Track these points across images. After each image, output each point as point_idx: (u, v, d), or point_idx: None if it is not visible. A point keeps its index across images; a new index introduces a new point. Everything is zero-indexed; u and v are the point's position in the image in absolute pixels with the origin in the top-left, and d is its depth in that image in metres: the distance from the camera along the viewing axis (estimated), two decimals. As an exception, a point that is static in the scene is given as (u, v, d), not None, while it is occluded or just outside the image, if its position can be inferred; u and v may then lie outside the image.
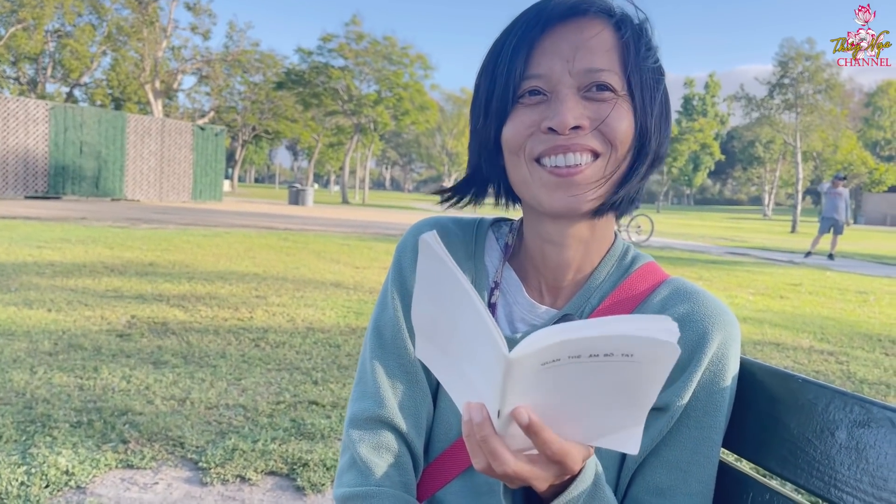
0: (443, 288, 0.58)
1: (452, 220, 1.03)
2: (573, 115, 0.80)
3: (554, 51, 0.81)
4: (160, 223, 15.35)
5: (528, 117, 0.83)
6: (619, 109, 0.82)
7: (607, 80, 0.81)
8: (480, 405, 0.58)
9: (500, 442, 0.59)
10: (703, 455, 0.83)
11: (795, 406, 0.80)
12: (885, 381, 4.91)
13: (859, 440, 0.72)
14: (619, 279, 0.92)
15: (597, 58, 0.81)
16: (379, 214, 28.17)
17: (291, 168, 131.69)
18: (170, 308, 6.01)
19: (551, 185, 0.82)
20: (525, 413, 0.56)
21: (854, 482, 0.71)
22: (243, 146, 59.04)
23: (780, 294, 9.35)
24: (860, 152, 52.87)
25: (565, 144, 0.80)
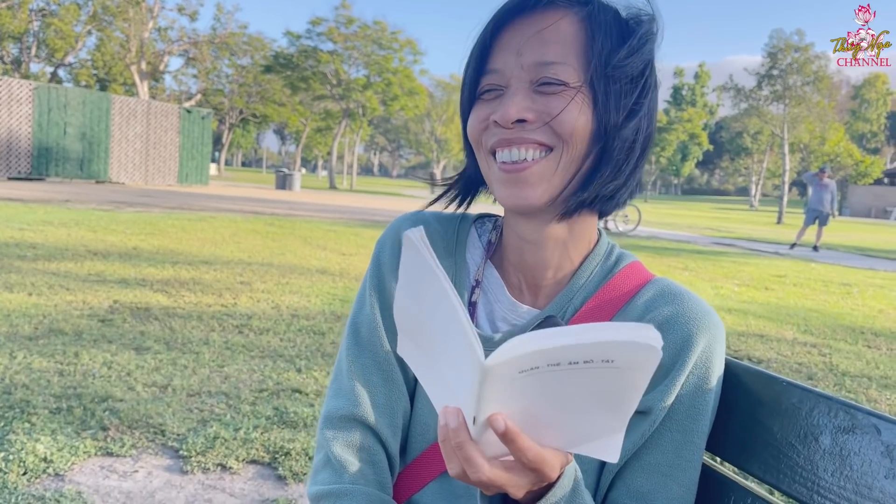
0: (424, 286, 0.57)
1: (434, 215, 1.01)
2: (516, 108, 0.79)
3: (508, 46, 0.82)
4: (145, 207, 15.22)
5: (483, 112, 0.84)
6: (572, 103, 0.79)
7: (558, 73, 0.79)
8: (456, 410, 0.57)
9: (475, 448, 0.57)
10: (686, 459, 0.81)
11: (779, 409, 0.79)
12: (866, 374, 4.94)
13: (843, 446, 0.71)
14: (603, 279, 0.90)
15: (549, 50, 0.80)
16: (367, 200, 28.07)
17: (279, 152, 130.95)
18: (153, 293, 5.96)
19: (502, 180, 0.83)
20: (501, 420, 0.55)
21: (837, 489, 0.70)
22: (230, 129, 58.61)
23: (765, 285, 9.40)
24: (847, 144, 53.18)
25: (509, 138, 0.81)
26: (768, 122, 42.51)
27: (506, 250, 0.94)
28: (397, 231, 0.98)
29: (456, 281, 0.94)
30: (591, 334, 0.50)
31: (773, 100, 40.99)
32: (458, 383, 0.56)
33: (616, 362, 0.50)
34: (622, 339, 0.50)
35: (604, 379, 0.52)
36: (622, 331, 0.50)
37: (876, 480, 0.67)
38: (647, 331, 0.51)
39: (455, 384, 0.56)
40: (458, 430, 0.56)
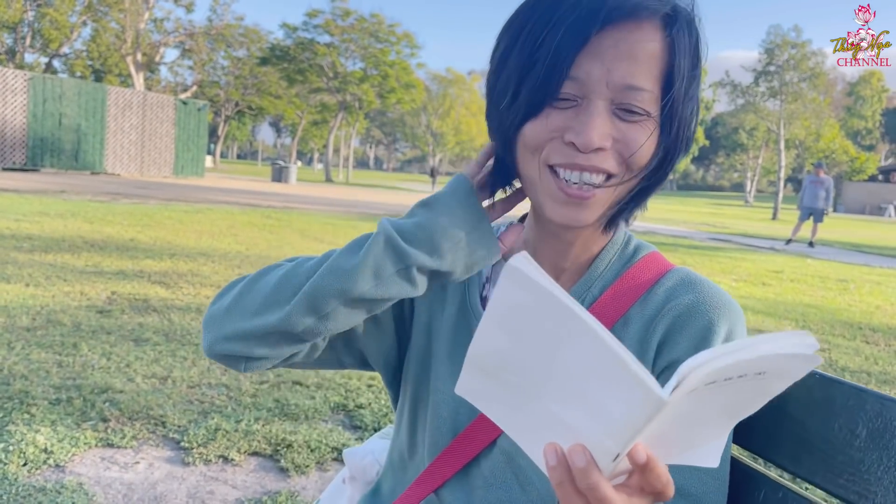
0: (537, 321, 0.50)
1: None
2: (599, 134, 0.74)
3: (596, 55, 0.74)
4: (141, 198, 15.16)
5: (555, 122, 0.76)
6: (646, 133, 0.77)
7: (643, 102, 0.76)
8: (581, 448, 0.52)
9: (608, 485, 0.53)
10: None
11: (810, 402, 0.78)
12: (865, 370, 4.95)
13: (879, 438, 0.70)
14: (622, 269, 0.89)
15: (637, 71, 0.75)
16: (363, 193, 28.02)
17: (274, 145, 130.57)
18: (151, 285, 5.93)
19: (559, 199, 0.78)
20: (643, 451, 0.51)
21: (875, 481, 0.69)
22: (226, 122, 58.42)
23: (762, 281, 9.42)
24: (842, 141, 53.25)
25: (583, 164, 0.76)
26: (764, 118, 42.54)
27: (522, 246, 0.93)
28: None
29: (466, 282, 0.93)
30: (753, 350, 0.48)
31: (770, 96, 41.01)
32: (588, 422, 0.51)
33: (767, 374, 0.49)
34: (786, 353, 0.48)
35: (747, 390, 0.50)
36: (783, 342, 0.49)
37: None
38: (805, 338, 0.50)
39: (581, 423, 0.52)
40: (588, 470, 0.52)
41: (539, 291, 0.49)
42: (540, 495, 0.82)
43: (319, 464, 2.89)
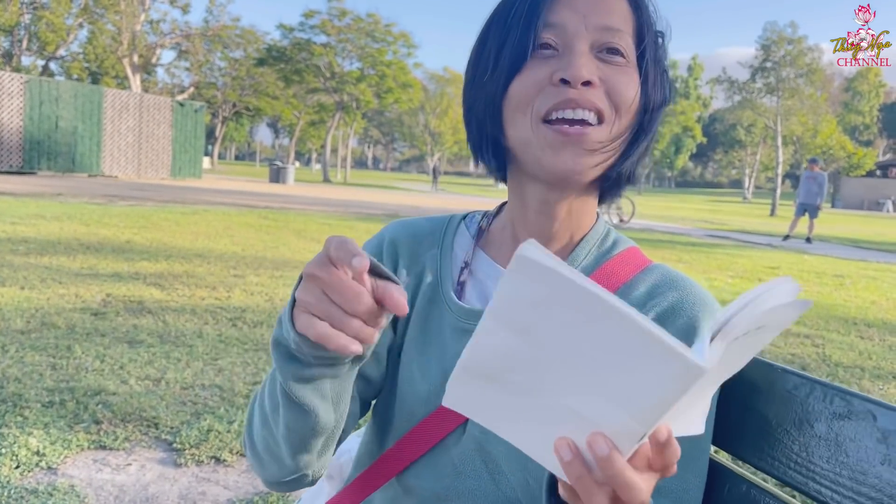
0: (553, 312, 0.46)
1: (422, 218, 1.01)
2: (587, 69, 0.77)
3: (570, 4, 0.78)
4: (138, 200, 15.15)
5: (540, 72, 0.78)
6: (630, 76, 0.80)
7: (621, 42, 0.79)
8: (602, 436, 0.49)
9: (633, 471, 0.51)
10: (697, 448, 0.81)
11: (775, 396, 0.78)
12: (859, 365, 4.96)
13: (839, 432, 0.70)
14: (600, 260, 0.89)
15: (614, 17, 0.79)
16: (361, 194, 28.02)
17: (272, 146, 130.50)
18: (146, 287, 5.93)
19: (557, 144, 0.78)
20: (665, 429, 0.49)
21: (833, 475, 0.69)
22: (223, 123, 58.39)
23: (759, 277, 9.42)
24: (839, 137, 53.27)
25: (576, 98, 0.76)
26: (762, 114, 42.56)
27: (501, 231, 0.93)
28: (381, 236, 0.98)
29: (441, 266, 0.93)
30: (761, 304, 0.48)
31: (767, 92, 41.02)
32: (611, 408, 0.48)
33: (764, 327, 0.48)
34: (784, 303, 0.48)
35: (741, 348, 0.49)
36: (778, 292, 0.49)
37: (872, 467, 0.66)
38: (790, 283, 0.50)
39: (600, 411, 0.48)
40: (612, 458, 0.49)
41: (555, 280, 0.44)
42: (510, 486, 0.82)
43: (311, 463, 2.89)
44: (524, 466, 0.81)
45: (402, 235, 0.96)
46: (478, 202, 27.61)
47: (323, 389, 0.73)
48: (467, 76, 0.87)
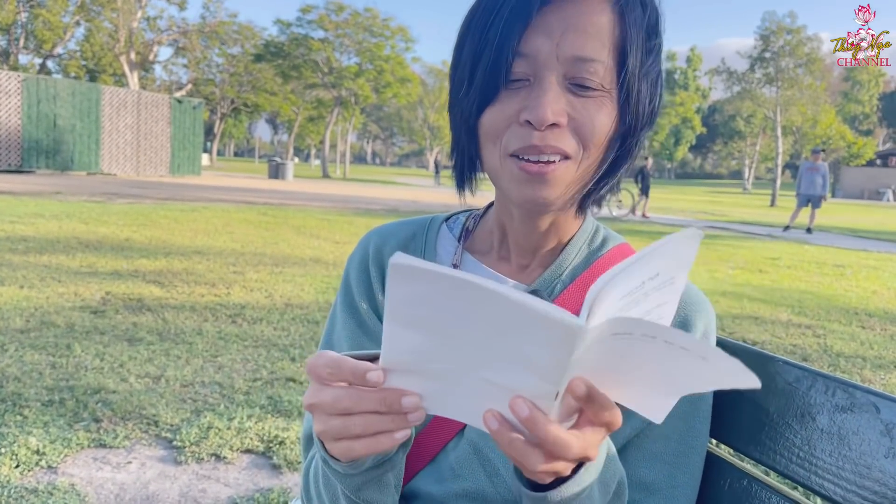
0: (438, 304, 0.50)
1: (400, 223, 0.99)
2: (553, 109, 0.73)
3: (544, 29, 0.74)
4: (137, 198, 15.13)
5: (509, 107, 0.76)
6: (602, 108, 0.76)
7: (594, 74, 0.75)
8: (521, 399, 0.53)
9: (559, 428, 0.53)
10: (688, 446, 0.80)
11: (776, 389, 0.77)
12: (860, 355, 4.95)
13: (841, 425, 0.69)
14: (591, 258, 0.88)
15: (588, 44, 0.74)
16: (360, 189, 27.99)
17: (271, 142, 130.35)
18: (145, 284, 5.92)
19: (522, 179, 0.77)
20: (582, 383, 0.52)
21: (836, 469, 0.68)
22: (222, 119, 58.28)
23: (759, 268, 9.41)
24: (839, 126, 53.19)
25: (539, 146, 0.75)
26: (761, 104, 42.48)
27: (495, 229, 0.92)
28: (365, 247, 0.96)
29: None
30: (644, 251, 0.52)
31: (766, 82, 40.93)
32: (518, 376, 0.52)
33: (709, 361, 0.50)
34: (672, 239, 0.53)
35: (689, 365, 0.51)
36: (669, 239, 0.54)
37: (875, 460, 0.65)
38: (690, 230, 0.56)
39: (510, 379, 0.53)
40: (534, 418, 0.52)
41: (428, 276, 0.49)
42: (506, 485, 0.82)
43: (312, 460, 2.88)
44: None
45: (384, 245, 0.95)
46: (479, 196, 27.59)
47: (386, 481, 0.73)
48: (450, 79, 0.85)
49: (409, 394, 0.56)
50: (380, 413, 0.57)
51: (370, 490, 0.72)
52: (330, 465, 0.68)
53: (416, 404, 0.56)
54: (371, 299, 0.92)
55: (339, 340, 0.93)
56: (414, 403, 0.56)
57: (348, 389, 0.58)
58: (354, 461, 0.66)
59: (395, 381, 0.56)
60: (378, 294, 0.92)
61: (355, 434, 0.58)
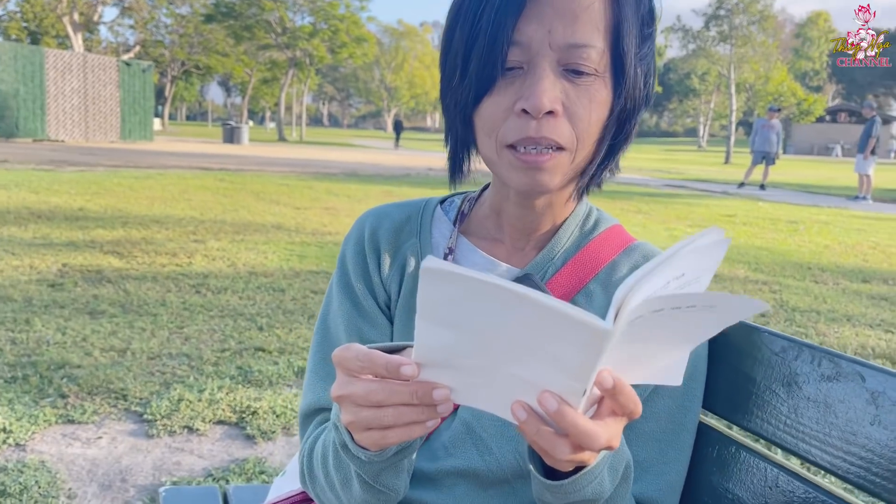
0: (470, 306, 0.52)
1: (394, 205, 0.98)
2: (549, 97, 0.74)
3: (536, 17, 0.74)
4: (88, 165, 14.72)
5: (505, 97, 0.76)
6: (597, 94, 0.77)
7: (588, 59, 0.75)
8: (549, 393, 0.54)
9: (585, 419, 0.55)
10: (679, 424, 0.82)
11: (762, 359, 0.80)
12: (815, 309, 5.12)
13: (828, 394, 0.72)
14: (583, 240, 0.90)
15: (580, 29, 0.74)
16: (318, 152, 27.62)
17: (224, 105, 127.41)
18: (104, 255, 5.80)
19: (519, 167, 0.78)
20: (609, 377, 0.54)
21: (822, 436, 0.71)
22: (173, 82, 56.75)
23: (717, 226, 9.59)
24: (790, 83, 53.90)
25: (535, 137, 0.75)
26: (715, 62, 42.87)
27: (490, 212, 0.92)
28: (360, 228, 0.96)
29: (422, 254, 0.92)
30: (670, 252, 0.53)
31: (720, 40, 41.27)
32: (546, 372, 0.54)
33: (718, 308, 0.52)
34: (698, 245, 0.54)
35: (698, 319, 0.53)
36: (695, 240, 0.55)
37: (861, 427, 0.68)
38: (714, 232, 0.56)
39: (540, 376, 0.54)
40: (563, 411, 0.54)
41: (459, 280, 0.50)
42: (496, 460, 0.84)
43: (286, 429, 2.89)
44: (515, 448, 0.83)
45: (380, 227, 0.95)
46: (439, 158, 27.47)
47: (403, 466, 0.74)
48: (440, 66, 0.84)
49: (440, 386, 0.57)
50: (411, 405, 0.58)
51: (388, 475, 0.73)
52: (352, 452, 0.69)
53: (446, 396, 0.57)
54: (367, 280, 0.93)
55: (335, 321, 0.93)
56: (444, 396, 0.57)
57: (380, 383, 0.58)
58: (382, 449, 0.67)
59: (426, 374, 0.57)
60: (374, 275, 0.93)
61: (387, 425, 0.59)
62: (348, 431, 0.67)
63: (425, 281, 0.51)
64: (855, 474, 0.67)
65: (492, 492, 0.85)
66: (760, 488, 0.77)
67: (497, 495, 0.85)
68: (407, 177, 16.70)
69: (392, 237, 0.94)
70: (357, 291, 0.92)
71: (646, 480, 0.81)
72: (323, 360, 0.93)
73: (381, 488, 0.74)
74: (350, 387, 0.60)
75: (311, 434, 0.89)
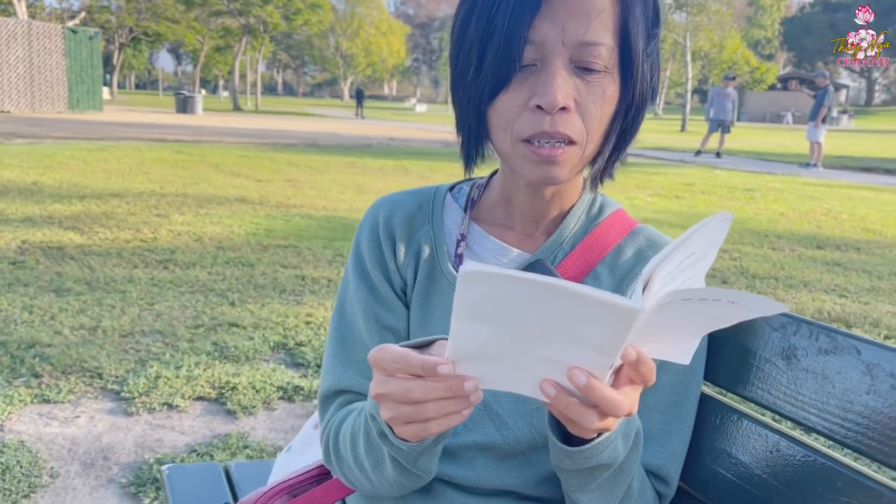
0: (504, 301, 0.56)
1: (407, 193, 1.01)
2: (562, 93, 0.78)
3: (550, 16, 0.77)
4: (37, 137, 14.28)
5: (520, 94, 0.80)
6: (606, 90, 0.81)
7: (599, 57, 0.79)
8: (578, 370, 0.59)
9: (612, 391, 0.60)
10: (682, 396, 0.88)
11: (762, 335, 0.85)
12: (773, 275, 5.29)
13: (825, 367, 0.78)
14: (590, 226, 0.94)
15: (592, 27, 0.78)
16: (275, 122, 27.20)
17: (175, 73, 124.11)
18: (64, 231, 5.69)
19: (533, 160, 0.82)
20: (633, 350, 0.59)
21: (821, 405, 0.77)
22: (121, 50, 55.04)
23: (676, 194, 9.78)
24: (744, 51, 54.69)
25: (549, 132, 0.79)
26: (671, 30, 43.15)
27: (500, 199, 0.96)
28: (374, 217, 0.99)
29: (436, 241, 0.96)
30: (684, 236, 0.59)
31: (676, 8, 41.53)
32: (576, 352, 0.58)
33: (740, 304, 0.56)
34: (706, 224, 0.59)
35: (721, 311, 0.58)
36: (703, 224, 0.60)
37: (858, 396, 0.74)
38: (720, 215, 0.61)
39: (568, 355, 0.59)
40: (593, 385, 0.59)
41: (497, 280, 0.54)
42: (513, 434, 0.89)
43: (266, 403, 2.92)
44: (529, 422, 0.87)
45: (394, 215, 0.98)
46: (398, 127, 27.28)
47: (437, 450, 0.79)
48: (451, 58, 0.87)
49: (469, 378, 0.61)
50: (448, 398, 0.62)
51: (424, 459, 0.78)
52: (393, 444, 0.74)
53: (476, 387, 0.62)
54: (383, 267, 0.96)
55: (352, 306, 0.96)
56: (474, 386, 0.61)
57: (417, 381, 0.63)
58: (422, 440, 0.72)
59: (459, 368, 0.61)
60: (390, 262, 0.96)
61: (427, 418, 0.64)
62: (388, 425, 0.71)
63: (464, 284, 0.55)
64: (852, 439, 0.74)
65: (509, 463, 0.90)
66: (762, 453, 0.83)
67: (514, 466, 0.90)
68: (368, 147, 16.59)
69: (406, 225, 0.97)
70: (373, 278, 0.96)
71: (651, 449, 0.87)
72: (342, 343, 0.96)
73: (418, 472, 0.79)
74: (387, 386, 0.64)
75: (335, 416, 0.93)
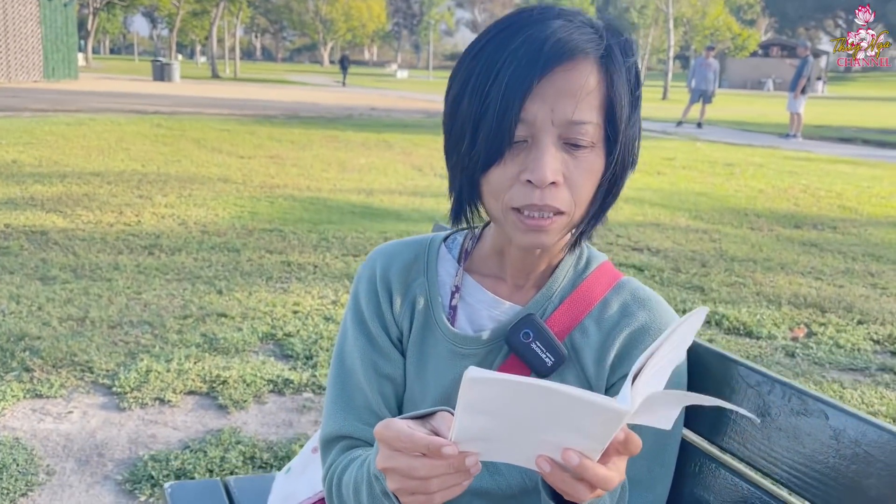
0: (507, 401, 0.61)
1: (402, 244, 1.06)
2: (552, 170, 0.83)
3: (540, 97, 0.82)
4: (13, 110, 14.03)
5: (511, 168, 0.85)
6: (593, 165, 0.86)
7: (586, 134, 0.84)
8: (572, 451, 0.65)
9: (602, 468, 0.66)
10: (664, 443, 0.94)
11: (739, 390, 0.91)
12: (752, 258, 5.39)
13: (797, 427, 0.84)
14: (577, 280, 0.99)
15: (580, 107, 0.83)
16: (255, 90, 26.85)
17: (150, 37, 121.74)
18: (46, 214, 5.66)
19: (522, 229, 0.87)
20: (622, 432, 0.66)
21: (791, 462, 0.84)
22: (95, 14, 53.78)
23: (657, 170, 9.85)
24: (726, 18, 54.60)
25: (538, 205, 0.84)
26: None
27: (491, 254, 1.01)
28: (372, 268, 1.03)
29: (430, 293, 1.01)
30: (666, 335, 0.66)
31: (659, -26, 41.24)
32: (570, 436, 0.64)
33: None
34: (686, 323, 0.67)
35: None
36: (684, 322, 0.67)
37: (826, 458, 0.80)
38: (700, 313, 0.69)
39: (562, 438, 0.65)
40: (585, 464, 0.65)
41: (501, 385, 0.60)
42: (505, 480, 0.95)
43: (257, 397, 2.97)
44: (521, 470, 0.94)
45: (390, 267, 1.03)
46: (380, 96, 27.03)
47: None
48: (445, 126, 0.91)
49: (470, 454, 0.67)
50: (450, 474, 0.68)
51: None
52: None
53: (476, 461, 0.68)
54: (380, 318, 1.01)
55: (351, 355, 1.02)
56: (475, 461, 0.68)
57: (422, 460, 0.68)
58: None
59: (462, 446, 0.67)
60: (387, 313, 1.01)
61: (432, 492, 0.70)
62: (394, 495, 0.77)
63: (468, 387, 0.60)
64: (819, 497, 0.81)
65: None
66: (735, 502, 0.90)
67: None
68: (350, 118, 16.48)
69: (402, 277, 1.02)
70: (371, 328, 1.01)
71: (636, 494, 0.94)
72: (342, 390, 1.01)
73: None
74: (393, 461, 0.70)
75: (337, 460, 0.98)
